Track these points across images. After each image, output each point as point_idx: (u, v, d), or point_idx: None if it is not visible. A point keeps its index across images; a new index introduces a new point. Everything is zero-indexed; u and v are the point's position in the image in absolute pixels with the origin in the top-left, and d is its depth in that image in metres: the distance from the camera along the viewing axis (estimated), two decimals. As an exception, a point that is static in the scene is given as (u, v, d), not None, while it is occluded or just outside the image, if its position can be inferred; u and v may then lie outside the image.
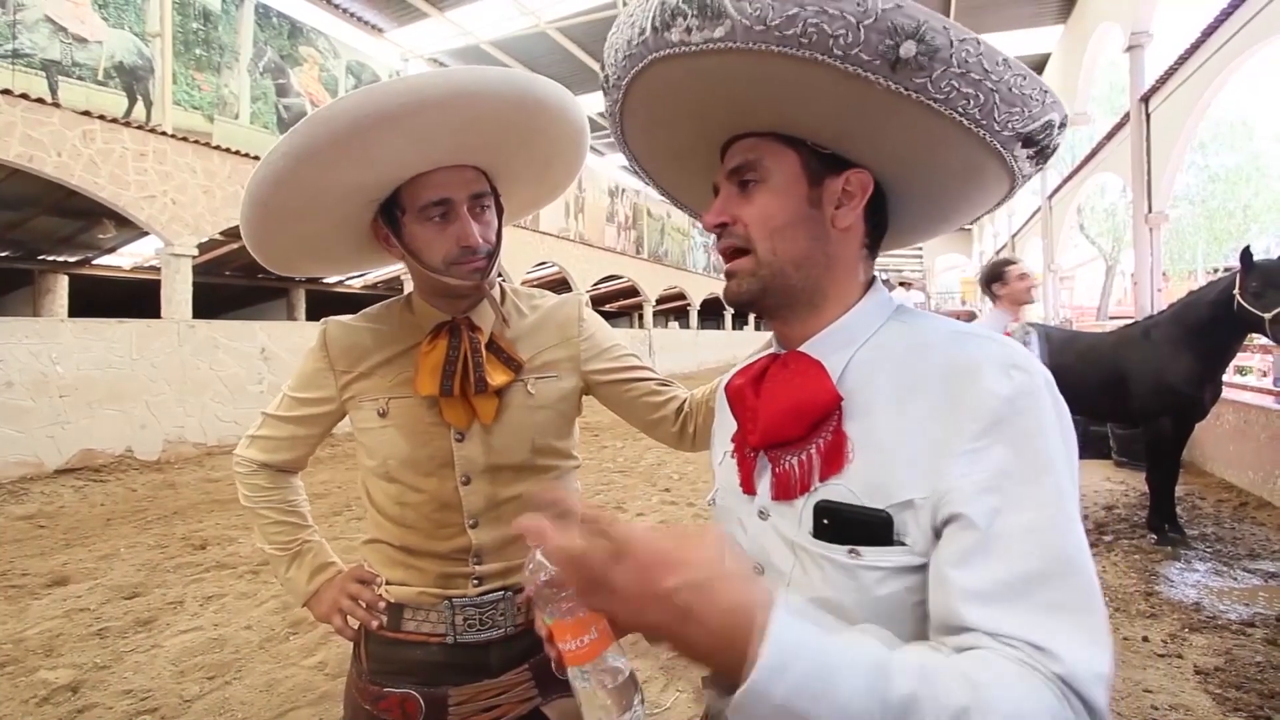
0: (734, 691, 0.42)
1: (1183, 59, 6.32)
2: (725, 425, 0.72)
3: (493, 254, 0.92)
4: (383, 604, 0.96)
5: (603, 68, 0.66)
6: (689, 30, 0.53)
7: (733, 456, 0.68)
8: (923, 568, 0.52)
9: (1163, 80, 6.77)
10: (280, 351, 8.35)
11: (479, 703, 0.93)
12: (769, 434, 0.61)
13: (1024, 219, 16.96)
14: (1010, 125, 0.54)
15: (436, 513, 0.94)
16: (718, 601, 0.43)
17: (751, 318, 30.86)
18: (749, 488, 0.64)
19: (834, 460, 0.57)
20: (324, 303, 15.49)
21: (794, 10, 0.49)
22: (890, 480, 0.54)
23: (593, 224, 16.79)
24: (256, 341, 8.13)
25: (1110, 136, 8.91)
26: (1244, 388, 5.51)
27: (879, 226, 0.67)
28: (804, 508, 0.58)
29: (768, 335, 0.78)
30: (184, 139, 7.46)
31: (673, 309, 23.64)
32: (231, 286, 13.38)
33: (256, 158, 8.19)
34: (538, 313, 1.03)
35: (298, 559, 1.02)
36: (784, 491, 0.59)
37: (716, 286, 25.06)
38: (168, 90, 7.58)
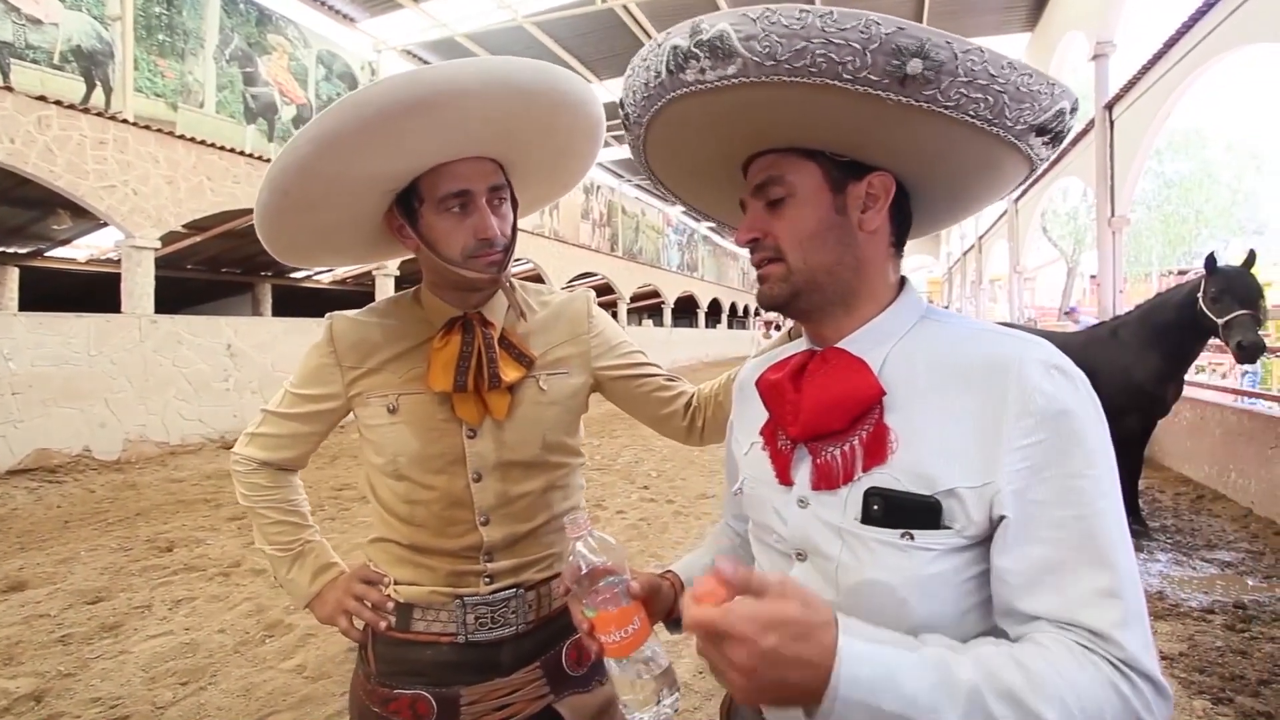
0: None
1: (1145, 69, 6.55)
2: (751, 418, 0.74)
3: (509, 247, 0.91)
4: (391, 604, 0.94)
5: (622, 105, 0.69)
6: (703, 71, 0.57)
7: (763, 449, 0.69)
8: (969, 547, 0.56)
9: (1126, 89, 7.01)
10: (247, 348, 8.11)
11: (491, 702, 0.91)
12: (811, 427, 0.63)
13: (990, 221, 17.41)
14: (1022, 119, 0.57)
15: (447, 510, 0.92)
16: (811, 648, 0.46)
17: (724, 316, 31.13)
18: (785, 479, 0.66)
19: (877, 451, 0.59)
20: (290, 298, 15.11)
21: (801, 45, 0.52)
22: (934, 470, 0.56)
23: (567, 220, 16.70)
24: (222, 337, 7.89)
25: (1075, 142, 9.18)
26: (1202, 385, 5.74)
27: (903, 224, 0.69)
28: (849, 496, 0.60)
29: (745, 334, 0.80)
30: (146, 127, 7.18)
31: (646, 307, 23.69)
32: (194, 280, 12.97)
33: (222, 148, 7.96)
34: (547, 309, 1.02)
35: (299, 559, 0.99)
36: (826, 481, 0.61)
37: (690, 285, 25.14)
38: (129, 76, 7.29)
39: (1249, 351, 3.15)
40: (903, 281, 0.68)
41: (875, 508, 0.58)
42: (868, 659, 0.46)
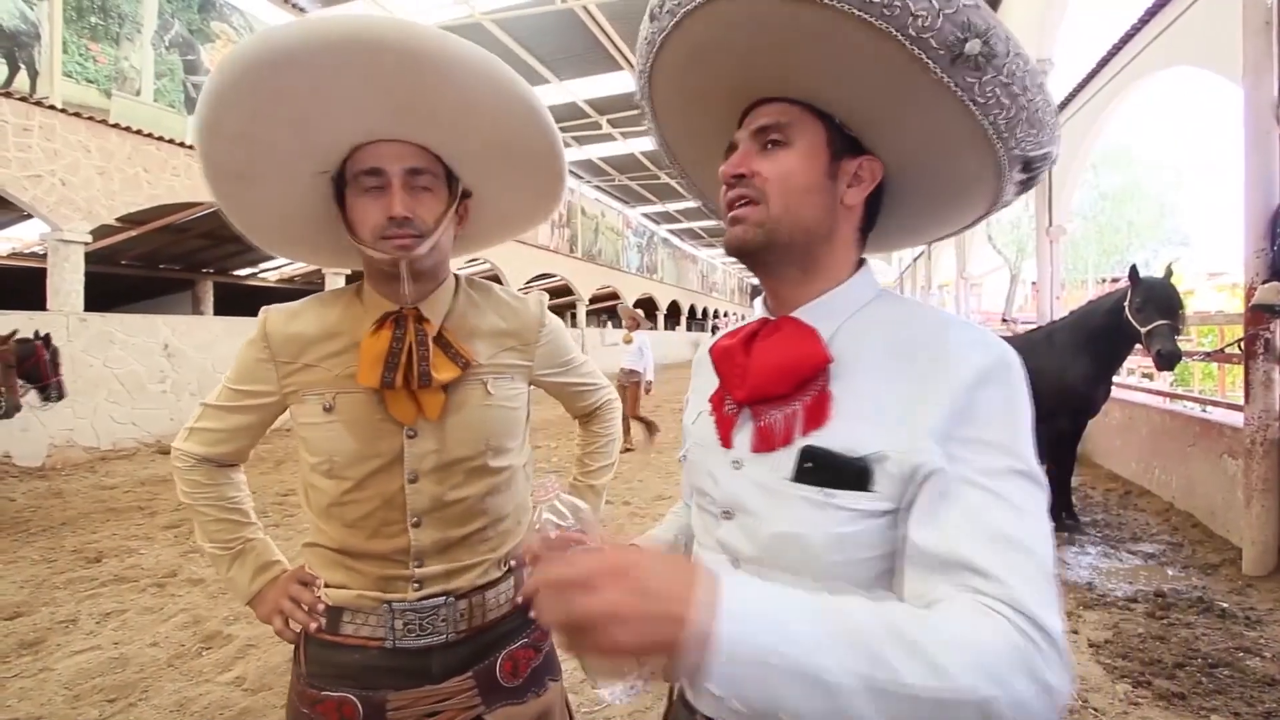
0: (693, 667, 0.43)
1: (1081, 85, 6.89)
2: (705, 389, 0.75)
3: (424, 235, 0.86)
4: (322, 606, 0.92)
5: None
6: None
7: (710, 415, 0.71)
8: (889, 513, 0.57)
9: (1063, 104, 7.36)
10: (186, 348, 7.77)
11: (419, 709, 0.90)
12: (756, 390, 0.64)
13: (938, 229, 17.96)
14: (1023, 146, 0.59)
15: (379, 511, 0.91)
16: (661, 570, 0.46)
17: (683, 319, 31.34)
18: (727, 442, 0.67)
19: (817, 416, 0.60)
20: (233, 296, 14.52)
21: None
22: (867, 435, 0.58)
23: (526, 221, 16.53)
24: (159, 336, 7.53)
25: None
26: (1128, 387, 6.07)
27: (871, 219, 0.71)
28: (783, 455, 0.61)
29: (701, 336, 0.81)
30: (76, 114, 6.81)
31: (606, 309, 23.64)
32: (129, 277, 12.33)
33: (160, 138, 7.61)
34: (499, 312, 1.01)
35: (240, 558, 0.97)
36: (765, 444, 0.63)
37: (649, 287, 25.22)
38: (57, 60, 6.88)
39: (1167, 359, 3.35)
40: (860, 262, 0.70)
41: (808, 465, 0.59)
42: (753, 586, 0.46)
